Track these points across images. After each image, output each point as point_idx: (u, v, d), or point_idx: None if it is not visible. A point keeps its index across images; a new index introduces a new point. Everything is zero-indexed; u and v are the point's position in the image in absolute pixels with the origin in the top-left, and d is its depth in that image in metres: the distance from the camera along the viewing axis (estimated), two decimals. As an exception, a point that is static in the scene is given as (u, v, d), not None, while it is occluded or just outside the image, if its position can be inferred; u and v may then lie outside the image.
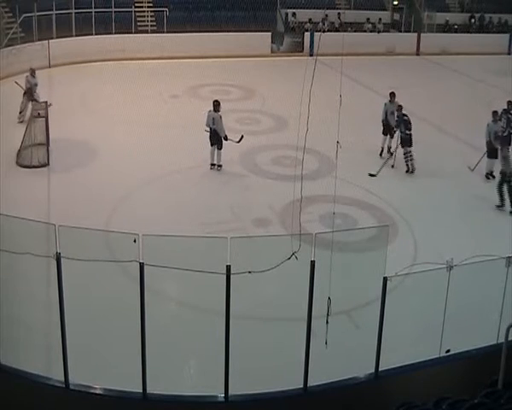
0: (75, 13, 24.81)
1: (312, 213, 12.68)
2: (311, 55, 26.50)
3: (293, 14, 29.26)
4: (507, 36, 31.29)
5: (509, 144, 15.49)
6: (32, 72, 17.99)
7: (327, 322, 7.74)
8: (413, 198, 14.09)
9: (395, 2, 31.42)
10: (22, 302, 9.18)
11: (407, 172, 15.52)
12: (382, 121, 16.55)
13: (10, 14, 23.51)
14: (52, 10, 23.73)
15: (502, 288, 8.06)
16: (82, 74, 22.60)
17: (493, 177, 14.95)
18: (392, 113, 16.26)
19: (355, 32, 29.55)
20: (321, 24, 27.72)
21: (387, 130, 16.44)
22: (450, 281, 7.63)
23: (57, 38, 23.85)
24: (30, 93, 17.31)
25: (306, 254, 7.49)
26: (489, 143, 15.19)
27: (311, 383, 7.54)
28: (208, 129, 15.02)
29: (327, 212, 12.83)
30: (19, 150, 15.07)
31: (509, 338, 6.55)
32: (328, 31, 28.18)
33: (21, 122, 16.84)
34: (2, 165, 14.15)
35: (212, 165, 15.18)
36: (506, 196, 13.64)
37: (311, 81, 8.00)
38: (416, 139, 18.03)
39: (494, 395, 6.39)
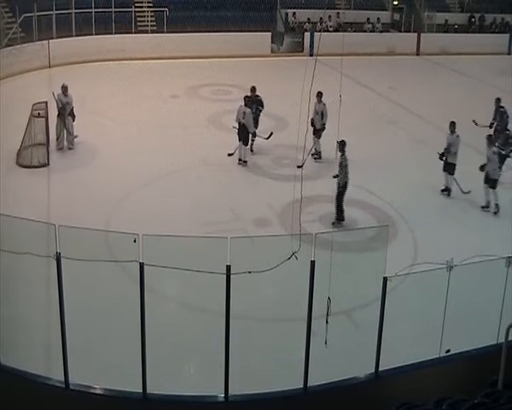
0: (75, 13, 24.78)
1: (312, 213, 12.68)
2: (311, 55, 26.47)
3: (294, 14, 29.23)
4: (507, 36, 31.24)
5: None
6: (64, 89, 15.78)
7: (327, 322, 7.75)
8: (413, 198, 14.08)
9: (395, 2, 31.40)
10: (22, 302, 9.19)
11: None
12: (311, 120, 15.83)
13: (10, 14, 23.48)
14: (52, 10, 23.71)
15: (502, 288, 8.06)
16: (82, 74, 22.57)
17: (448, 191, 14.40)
18: (317, 113, 15.63)
19: (355, 32, 29.53)
20: (319, 24, 27.68)
21: (314, 130, 15.82)
22: (451, 281, 7.64)
23: (57, 38, 23.82)
24: (63, 114, 15.64)
25: (306, 254, 7.50)
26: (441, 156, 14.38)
27: (311, 383, 7.55)
28: (237, 125, 15.31)
29: (327, 212, 12.85)
30: (19, 150, 15.06)
31: (509, 338, 6.55)
32: (328, 31, 28.17)
33: (61, 149, 15.68)
34: (2, 165, 14.15)
35: (240, 160, 15.48)
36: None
37: (311, 81, 8.00)
38: (417, 139, 18.13)
39: (494, 395, 6.38)
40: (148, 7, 27.25)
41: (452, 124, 14.41)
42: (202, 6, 28.22)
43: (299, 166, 14.77)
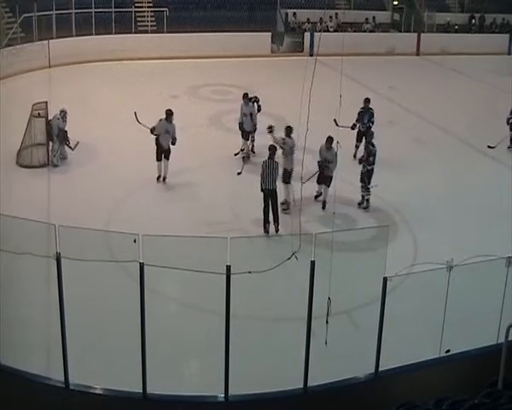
0: (75, 13, 24.76)
1: (312, 214, 12.71)
2: (311, 55, 26.46)
3: (294, 14, 29.21)
4: (507, 36, 31.20)
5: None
6: (64, 114, 15.00)
7: (327, 322, 7.75)
8: (413, 198, 14.08)
9: (395, 2, 31.39)
10: (22, 302, 9.20)
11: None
12: (239, 124, 15.74)
13: (10, 14, 23.47)
14: (52, 10, 23.70)
15: (502, 288, 8.06)
16: (82, 74, 22.59)
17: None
18: (245, 115, 15.58)
19: (355, 32, 29.53)
20: (319, 24, 27.67)
21: (243, 133, 15.65)
22: (451, 281, 7.63)
23: (57, 38, 23.78)
24: (63, 136, 14.92)
25: (306, 254, 7.50)
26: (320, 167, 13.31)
27: (311, 383, 7.55)
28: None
29: (328, 212, 12.86)
30: (19, 150, 15.06)
31: (509, 338, 6.56)
32: (328, 31, 28.17)
33: (56, 166, 14.93)
34: (2, 165, 14.14)
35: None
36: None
37: (311, 81, 8.01)
38: (417, 138, 18.14)
39: (494, 395, 6.39)
40: (148, 7, 27.22)
41: (330, 139, 12.99)
42: (202, 6, 28.19)
43: (238, 173, 14.40)
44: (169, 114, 14.16)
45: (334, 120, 13.78)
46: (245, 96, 15.74)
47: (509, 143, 17.29)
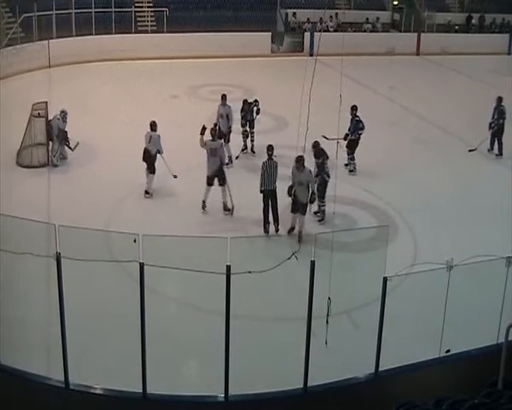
0: (75, 13, 24.79)
1: (312, 214, 12.70)
2: (311, 55, 26.47)
3: (294, 14, 29.24)
4: (507, 36, 31.24)
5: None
6: (64, 115, 15.00)
7: (327, 322, 7.76)
8: (413, 198, 14.08)
9: (395, 2, 31.41)
10: (22, 302, 9.20)
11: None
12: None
13: (10, 14, 23.49)
14: (52, 10, 23.73)
15: (502, 288, 8.06)
16: (82, 74, 22.60)
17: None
18: (222, 116, 15.57)
19: (355, 32, 29.54)
20: (319, 24, 27.68)
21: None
22: (451, 281, 7.64)
23: (57, 38, 23.82)
24: (63, 136, 14.91)
25: (306, 255, 7.50)
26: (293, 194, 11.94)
27: (311, 383, 7.55)
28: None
29: (327, 212, 12.85)
30: (19, 150, 15.07)
31: (509, 338, 6.56)
32: (328, 31, 28.18)
33: (56, 166, 14.94)
34: (2, 165, 14.15)
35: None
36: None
37: (311, 81, 8.02)
38: (417, 138, 18.13)
39: (494, 395, 6.39)
40: (148, 7, 27.25)
41: (300, 159, 11.69)
42: (202, 6, 28.24)
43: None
44: (153, 124, 13.77)
45: (324, 136, 13.36)
46: (223, 97, 15.84)
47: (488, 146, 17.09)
